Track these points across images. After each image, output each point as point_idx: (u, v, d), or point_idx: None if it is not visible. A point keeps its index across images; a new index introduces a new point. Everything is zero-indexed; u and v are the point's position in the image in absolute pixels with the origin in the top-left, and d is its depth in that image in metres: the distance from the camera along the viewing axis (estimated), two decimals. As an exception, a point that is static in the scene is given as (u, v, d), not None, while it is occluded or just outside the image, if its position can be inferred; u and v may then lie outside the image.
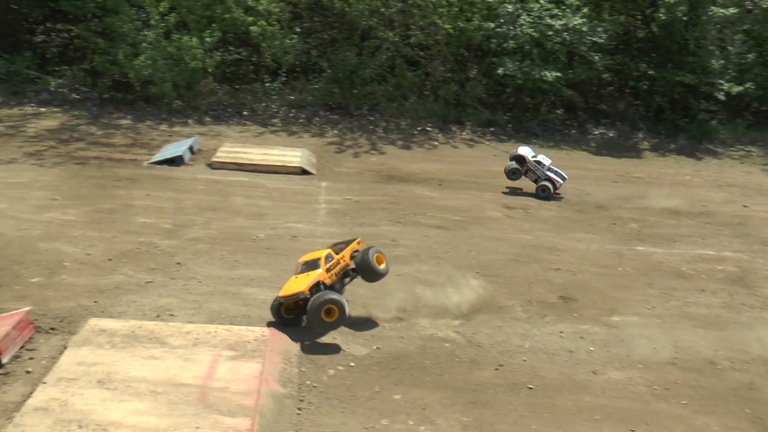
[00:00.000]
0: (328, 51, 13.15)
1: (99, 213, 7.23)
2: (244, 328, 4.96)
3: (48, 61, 13.72)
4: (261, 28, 11.72)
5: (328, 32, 13.31)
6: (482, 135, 12.07)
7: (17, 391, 4.16)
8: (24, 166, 8.75)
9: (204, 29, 11.77)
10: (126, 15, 11.69)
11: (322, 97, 12.49)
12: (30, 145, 9.70)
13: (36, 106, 11.94)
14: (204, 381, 4.29)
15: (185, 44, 11.37)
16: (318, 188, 8.69)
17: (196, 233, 6.86)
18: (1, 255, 6.00)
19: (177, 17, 11.72)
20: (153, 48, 11.56)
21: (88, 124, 11.04)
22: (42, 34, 14.58)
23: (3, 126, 10.63)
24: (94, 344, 4.57)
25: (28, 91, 12.48)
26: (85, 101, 12.27)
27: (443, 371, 5.01)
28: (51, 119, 11.23)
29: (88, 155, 9.38)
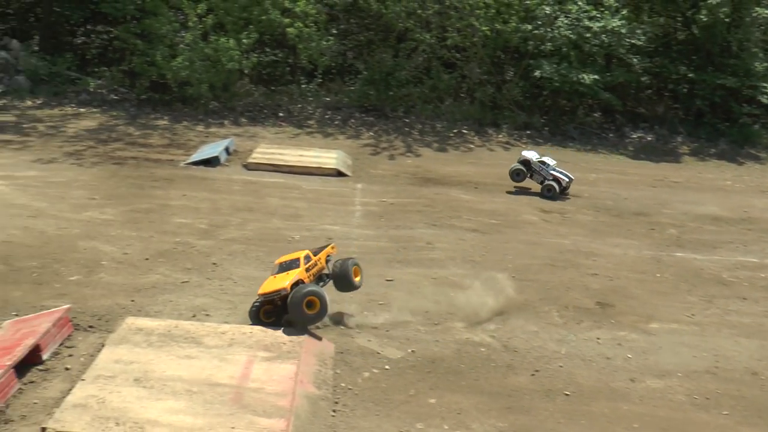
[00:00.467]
0: (364, 53, 13.15)
1: (136, 213, 7.29)
2: (280, 329, 4.95)
3: (88, 62, 13.91)
4: (298, 29, 11.75)
5: (364, 34, 13.33)
6: (518, 138, 11.98)
7: (56, 387, 4.20)
8: (64, 165, 8.86)
9: (241, 31, 11.84)
10: (164, 17, 11.80)
11: (358, 99, 12.50)
12: (70, 145, 9.82)
13: (76, 106, 12.10)
14: (239, 381, 4.30)
15: (222, 46, 11.45)
16: (353, 190, 8.68)
17: (232, 234, 6.89)
18: (42, 253, 6.07)
19: (214, 19, 11.80)
20: (190, 49, 11.65)
21: (126, 125, 11.16)
22: (82, 36, 14.80)
23: (44, 126, 10.78)
24: (131, 343, 4.60)
25: (68, 91, 12.65)
26: (123, 102, 12.41)
27: (479, 376, 4.96)
28: (90, 119, 11.37)
29: (125, 155, 9.48)
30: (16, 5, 15.12)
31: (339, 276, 5.34)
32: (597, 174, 10.33)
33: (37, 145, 9.69)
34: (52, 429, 3.70)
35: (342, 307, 5.57)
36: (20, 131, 10.38)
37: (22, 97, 12.22)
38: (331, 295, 5.72)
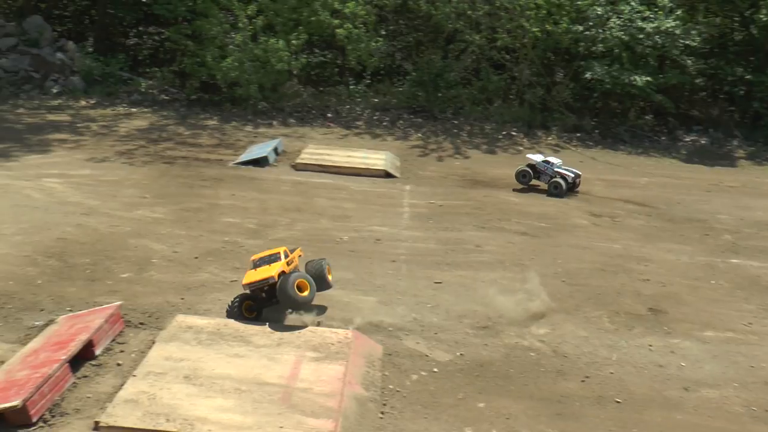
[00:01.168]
0: (413, 54, 13.15)
1: (186, 212, 7.36)
2: (328, 330, 4.94)
3: (140, 63, 14.15)
4: (347, 30, 11.79)
5: (413, 35, 13.32)
6: (568, 140, 11.85)
7: (109, 382, 4.24)
8: (116, 164, 9.00)
9: (290, 32, 11.91)
10: (215, 18, 11.93)
11: (407, 100, 12.49)
12: (121, 144, 9.98)
13: (127, 106, 12.30)
14: (288, 381, 4.29)
15: (272, 47, 11.54)
16: (402, 192, 8.65)
17: (280, 234, 6.91)
18: (95, 250, 6.16)
19: (264, 20, 11.90)
20: (240, 50, 11.76)
21: (176, 125, 11.30)
22: (135, 37, 15.06)
23: (97, 125, 10.98)
24: (181, 340, 4.63)
25: (121, 92, 12.88)
26: (174, 102, 12.58)
27: (528, 381, 4.87)
28: (141, 119, 11.55)
29: (175, 155, 9.60)
30: (73, 8, 15.45)
31: (315, 275, 5.27)
32: (649, 178, 10.14)
33: (90, 144, 9.87)
34: (104, 423, 3.74)
35: (390, 309, 5.56)
36: (74, 130, 10.59)
37: (77, 97, 12.47)
38: (378, 297, 5.73)
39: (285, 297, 4.97)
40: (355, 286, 5.90)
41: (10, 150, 9.27)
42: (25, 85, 12.91)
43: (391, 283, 6.04)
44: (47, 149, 9.49)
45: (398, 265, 6.42)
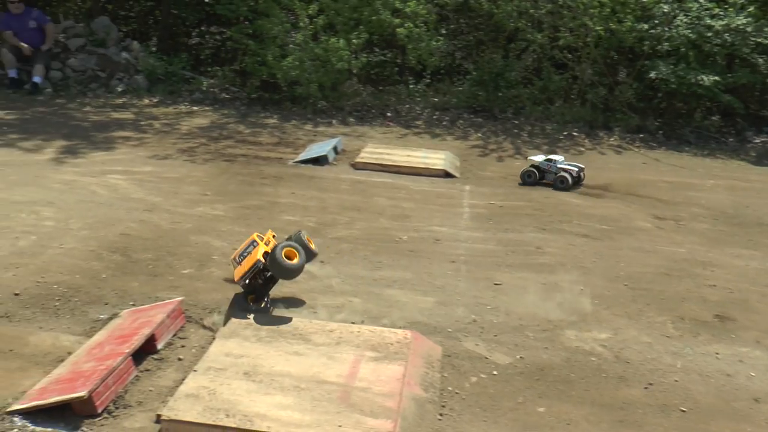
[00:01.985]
0: (474, 53, 13.05)
1: (246, 209, 7.42)
2: (387, 330, 4.92)
3: (201, 62, 14.38)
4: (408, 30, 11.76)
5: (473, 34, 13.23)
6: (631, 141, 11.62)
7: (170, 376, 4.28)
8: (177, 161, 9.12)
9: (351, 31, 11.94)
10: (276, 18, 12.03)
11: (467, 100, 12.40)
12: (183, 142, 10.12)
13: (189, 104, 12.49)
14: (347, 380, 4.27)
15: (332, 46, 11.58)
16: (461, 192, 8.59)
17: (340, 233, 6.92)
18: (156, 246, 6.24)
19: (325, 19, 11.95)
20: (301, 49, 11.83)
21: (236, 123, 11.43)
22: (197, 37, 15.32)
23: (160, 123, 11.16)
24: (241, 337, 4.65)
25: (182, 90, 13.09)
26: (234, 100, 12.73)
27: (589, 386, 4.76)
28: (202, 117, 11.70)
29: (236, 153, 9.69)
30: (138, 9, 15.78)
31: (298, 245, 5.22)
32: (715, 180, 9.87)
33: (153, 142, 10.03)
34: (166, 417, 3.76)
35: (450, 310, 5.51)
36: (138, 128, 10.78)
37: (140, 96, 12.71)
38: (437, 297, 5.69)
39: (277, 267, 4.95)
40: (414, 286, 5.87)
41: (77, 147, 9.49)
42: (91, 83, 13.23)
43: (451, 283, 5.99)
44: (112, 146, 9.67)
45: (458, 266, 6.36)
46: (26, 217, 6.74)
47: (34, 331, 4.70)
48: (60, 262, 5.74)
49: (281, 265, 4.97)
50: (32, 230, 6.42)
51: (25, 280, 5.40)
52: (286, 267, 4.98)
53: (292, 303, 5.37)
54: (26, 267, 5.62)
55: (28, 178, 7.96)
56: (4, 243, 6.08)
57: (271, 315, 5.05)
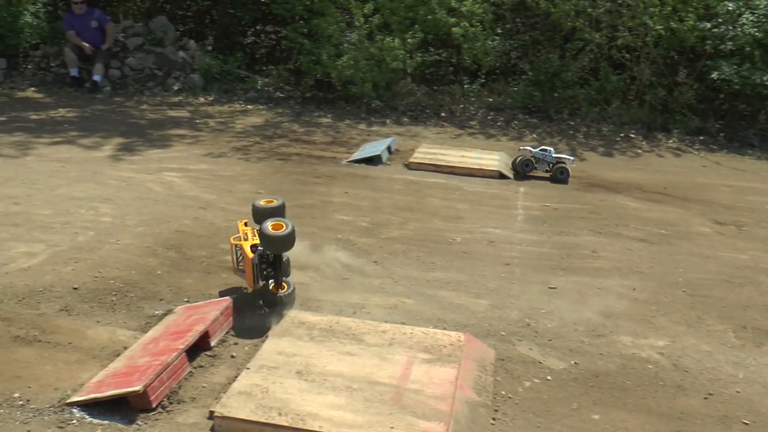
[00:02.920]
0: (529, 53, 12.91)
1: (300, 208, 7.43)
2: (440, 332, 4.87)
3: (256, 61, 14.51)
4: (463, 29, 11.67)
5: (529, 33, 13.07)
6: (690, 144, 11.35)
7: (223, 373, 4.30)
8: (232, 160, 9.20)
9: (406, 30, 11.90)
10: (332, 17, 12.05)
11: (522, 100, 12.27)
12: (237, 140, 10.21)
13: (244, 103, 12.59)
14: (399, 382, 4.24)
15: (387, 45, 11.55)
16: (516, 193, 8.49)
17: (393, 233, 6.89)
18: (211, 243, 6.29)
19: (380, 19, 11.93)
20: (355, 49, 11.84)
21: (290, 122, 11.49)
22: (252, 36, 15.46)
23: (215, 122, 11.28)
24: (294, 336, 4.65)
25: (237, 89, 13.21)
26: (288, 99, 12.81)
27: (646, 394, 4.64)
28: (257, 116, 11.79)
29: (290, 152, 9.73)
30: (195, 8, 15.99)
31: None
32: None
33: (208, 140, 10.13)
34: (219, 413, 3.78)
35: (503, 313, 5.44)
36: (193, 126, 10.91)
37: (196, 94, 12.87)
38: (491, 300, 5.62)
39: (267, 244, 4.90)
40: (468, 288, 5.80)
41: (134, 144, 9.64)
42: (149, 82, 13.44)
43: (504, 286, 5.91)
44: (168, 144, 9.80)
45: (512, 269, 6.27)
46: (85, 213, 6.86)
47: (92, 325, 4.77)
48: (117, 257, 5.83)
49: (273, 240, 4.88)
50: (90, 226, 6.53)
51: (83, 274, 5.49)
52: (270, 238, 4.89)
53: (345, 303, 5.36)
54: (85, 262, 5.72)
55: (87, 174, 8.11)
56: (64, 238, 6.19)
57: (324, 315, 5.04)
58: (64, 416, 3.77)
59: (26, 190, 7.44)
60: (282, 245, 5.01)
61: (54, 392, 3.98)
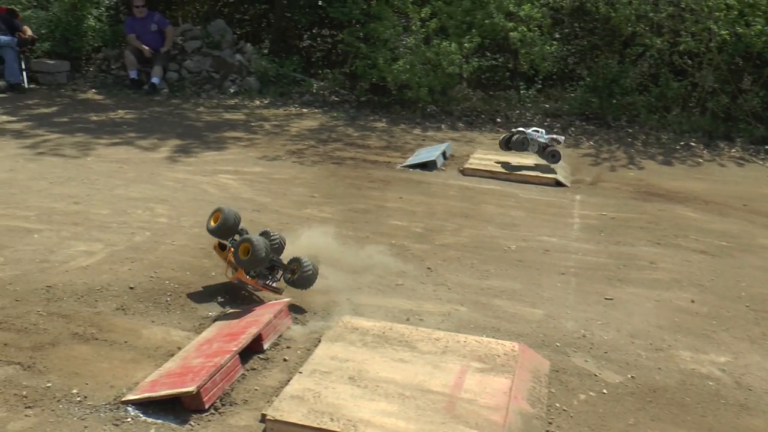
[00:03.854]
0: (587, 58, 12.72)
1: (353, 212, 7.42)
2: (494, 341, 4.79)
3: (312, 64, 14.57)
4: (521, 34, 11.56)
5: (588, 38, 12.89)
6: (755, 153, 11.04)
7: (275, 376, 4.29)
8: (286, 163, 9.24)
9: (463, 35, 11.83)
10: (389, 21, 12.04)
11: (579, 107, 12.09)
12: (292, 143, 10.26)
13: (299, 106, 12.66)
14: (452, 390, 4.17)
15: (444, 50, 11.50)
16: (572, 201, 8.35)
17: (447, 239, 6.83)
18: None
19: (437, 23, 11.88)
20: (412, 53, 11.81)
21: (345, 126, 11.51)
22: (308, 39, 15.55)
23: (270, 125, 11.36)
24: (347, 341, 4.62)
25: (293, 92, 13.29)
26: (343, 103, 12.83)
27: (706, 412, 4.49)
28: (311, 119, 11.84)
29: (344, 156, 9.75)
30: (252, 12, 16.15)
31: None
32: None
33: (263, 143, 10.21)
34: (271, 417, 3.76)
35: (558, 323, 5.34)
36: (249, 129, 11.00)
37: (252, 97, 12.99)
38: (546, 310, 5.52)
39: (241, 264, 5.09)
40: (522, 297, 5.71)
41: (190, 146, 9.76)
42: (205, 84, 13.61)
43: (560, 296, 5.80)
44: (223, 146, 9.90)
45: (567, 278, 6.16)
46: (142, 213, 6.95)
47: (147, 325, 4.81)
48: (172, 258, 5.88)
49: (240, 262, 5.06)
50: (147, 226, 6.61)
51: (139, 274, 5.55)
52: (214, 230, 5.29)
53: (398, 309, 5.32)
54: (141, 262, 5.78)
55: (144, 175, 8.22)
56: (122, 238, 6.28)
57: (377, 320, 5.00)
58: (120, 414, 3.80)
59: (86, 190, 7.58)
60: (225, 233, 5.28)
61: (110, 390, 4.01)
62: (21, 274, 5.45)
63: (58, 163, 8.59)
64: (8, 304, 4.97)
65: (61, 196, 7.33)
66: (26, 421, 3.68)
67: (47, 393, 3.94)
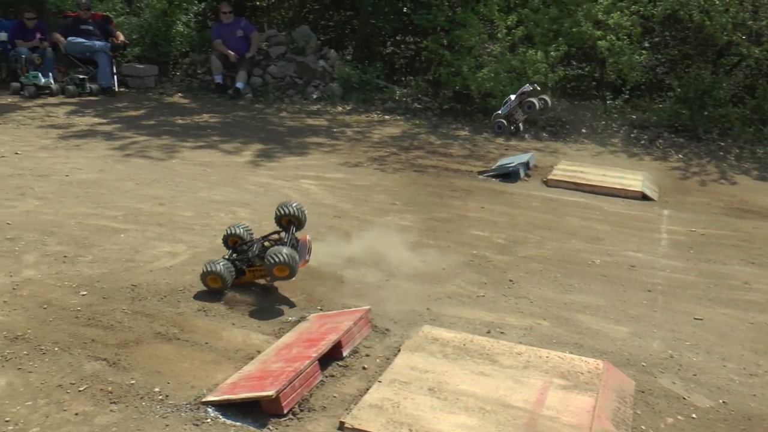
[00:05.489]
0: (678, 68, 12.32)
1: (434, 221, 7.35)
2: (578, 358, 4.64)
3: (395, 71, 14.58)
4: (609, 42, 11.29)
5: (679, 47, 12.49)
6: None
7: (354, 384, 4.25)
8: (368, 170, 9.24)
9: (549, 43, 11.63)
10: (474, 28, 11.94)
11: (668, 118, 11.70)
12: (374, 150, 10.26)
13: (381, 113, 12.67)
14: (533, 407, 4.06)
15: (529, 58, 11.33)
16: (659, 216, 8.09)
17: (530, 251, 6.68)
18: (345, 253, 6.29)
19: (524, 31, 11.72)
20: (497, 61, 11.67)
21: (427, 133, 11.45)
22: (392, 46, 15.57)
23: (352, 131, 11.40)
24: (427, 351, 4.55)
25: (375, 99, 13.32)
26: (426, 111, 12.78)
27: (806, 443, 4.26)
28: (393, 127, 11.83)
29: (426, 164, 9.69)
30: (337, 18, 16.30)
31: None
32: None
33: (344, 149, 10.24)
34: (350, 425, 3.73)
35: (644, 342, 5.14)
36: (331, 135, 11.06)
37: (334, 103, 13.07)
38: (631, 328, 5.32)
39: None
40: (607, 313, 5.53)
41: (272, 151, 9.87)
42: (288, 90, 13.77)
43: (646, 314, 5.59)
44: (305, 152, 9.97)
45: (654, 296, 5.94)
46: (224, 216, 7.04)
47: (228, 327, 4.84)
48: (254, 261, 5.90)
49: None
50: (229, 229, 6.67)
51: (221, 276, 5.58)
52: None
53: (479, 321, 5.22)
54: (223, 264, 5.82)
55: (227, 178, 8.34)
56: (204, 240, 6.36)
57: (457, 332, 4.91)
58: (200, 414, 3.82)
59: (170, 192, 7.73)
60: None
61: (191, 390, 4.04)
62: (108, 273, 5.57)
63: (145, 165, 8.80)
64: (96, 301, 5.08)
65: (147, 197, 7.49)
66: (111, 416, 3.74)
67: (131, 390, 4.00)
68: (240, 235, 5.62)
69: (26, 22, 13.77)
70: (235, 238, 5.62)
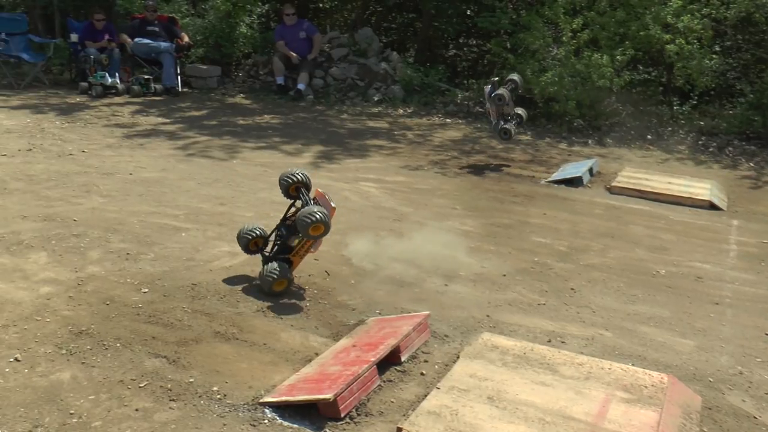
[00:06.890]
0: (751, 73, 11.94)
1: (495, 227, 7.27)
2: (641, 371, 4.51)
3: (457, 74, 14.49)
4: (678, 46, 11.00)
5: (752, 51, 12.10)
6: None
7: (411, 390, 4.21)
8: (429, 173, 9.19)
9: (616, 47, 11.40)
10: (538, 31, 11.78)
11: (739, 125, 11.34)
12: (435, 153, 10.21)
13: (442, 116, 12.61)
14: (595, 420, 3.95)
15: (595, 62, 11.11)
16: (728, 226, 7.85)
17: (592, 260, 6.55)
18: (404, 257, 6.25)
19: (589, 34, 11.51)
20: (561, 65, 11.49)
21: (488, 137, 11.35)
22: (454, 49, 15.49)
23: (413, 134, 11.37)
24: (486, 359, 4.49)
25: (437, 102, 13.26)
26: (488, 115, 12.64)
27: None
28: (455, 130, 11.76)
29: (487, 168, 9.60)
30: (399, 20, 16.29)
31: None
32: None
33: (405, 152, 10.21)
34: (407, 431, 3.69)
35: (711, 357, 4.96)
36: (391, 138, 11.05)
37: (395, 106, 13.06)
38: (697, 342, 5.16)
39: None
40: (672, 325, 5.37)
41: (332, 153, 9.90)
42: (350, 92, 13.81)
43: (713, 327, 5.42)
44: (365, 154, 9.98)
45: (722, 309, 5.75)
46: (284, 217, 7.06)
47: (286, 329, 4.85)
48: (312, 263, 5.92)
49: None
50: (289, 230, 6.69)
51: (280, 278, 5.61)
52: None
53: (540, 330, 5.12)
54: (282, 265, 5.85)
55: (288, 179, 8.37)
56: (265, 240, 6.39)
57: (517, 340, 4.83)
58: (257, 415, 3.84)
59: (231, 192, 7.80)
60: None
61: (248, 390, 4.06)
62: (169, 271, 5.64)
63: (206, 165, 8.91)
64: (157, 298, 5.15)
65: (208, 197, 7.58)
66: (170, 414, 3.77)
67: (190, 388, 4.03)
68: (262, 235, 5.65)
69: (96, 23, 14.15)
70: (258, 239, 5.64)
